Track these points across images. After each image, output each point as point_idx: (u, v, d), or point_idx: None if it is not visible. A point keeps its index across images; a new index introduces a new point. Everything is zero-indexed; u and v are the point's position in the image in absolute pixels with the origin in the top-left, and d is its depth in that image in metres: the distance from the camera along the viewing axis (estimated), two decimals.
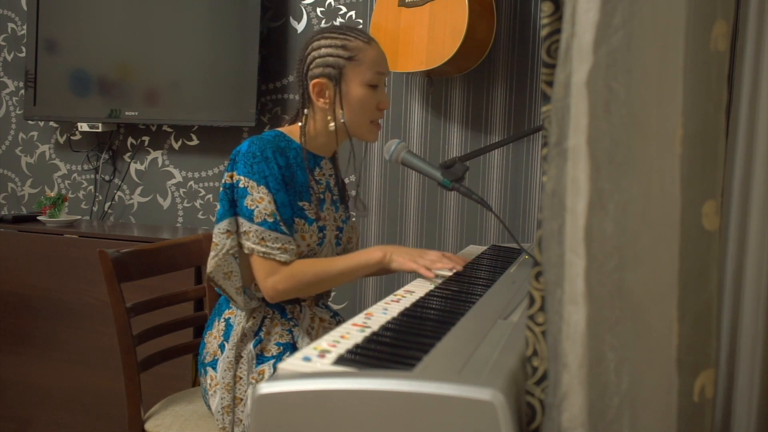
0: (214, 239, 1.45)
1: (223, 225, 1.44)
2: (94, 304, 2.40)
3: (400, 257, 1.42)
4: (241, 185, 1.42)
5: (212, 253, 1.45)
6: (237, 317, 1.50)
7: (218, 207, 1.46)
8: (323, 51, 1.48)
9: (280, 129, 1.53)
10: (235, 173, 1.43)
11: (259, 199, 1.41)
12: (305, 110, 1.52)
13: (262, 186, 1.41)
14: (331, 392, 0.74)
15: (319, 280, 1.44)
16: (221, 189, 1.46)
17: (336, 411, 0.73)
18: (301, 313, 1.53)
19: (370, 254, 1.44)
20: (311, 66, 1.48)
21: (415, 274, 1.40)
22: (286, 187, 1.45)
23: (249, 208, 1.41)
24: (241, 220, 1.43)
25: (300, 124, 1.52)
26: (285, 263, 1.42)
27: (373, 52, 1.49)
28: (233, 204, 1.44)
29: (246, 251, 1.43)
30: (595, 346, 0.69)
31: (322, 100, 1.49)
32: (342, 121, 1.48)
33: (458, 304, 1.15)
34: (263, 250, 1.40)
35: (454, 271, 1.39)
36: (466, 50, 2.06)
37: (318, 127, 1.52)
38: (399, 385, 0.72)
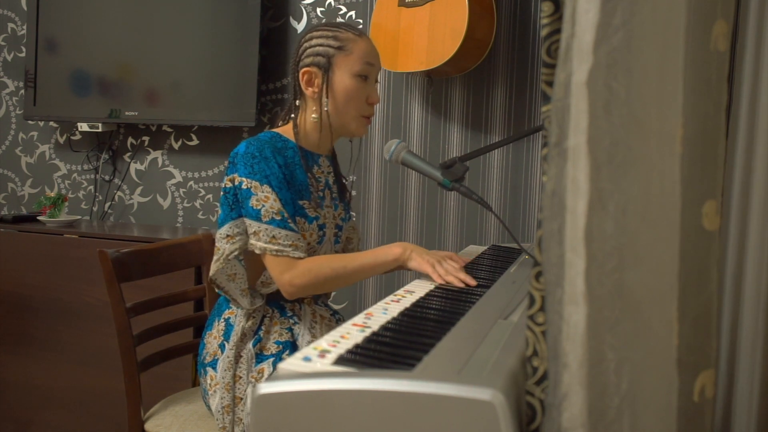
0: (216, 244, 1.45)
1: (224, 230, 1.44)
2: (94, 304, 2.40)
3: (420, 257, 1.40)
4: (244, 186, 1.41)
5: (214, 257, 1.45)
6: (237, 317, 1.50)
7: (219, 212, 1.46)
8: (314, 42, 1.49)
9: (274, 129, 1.53)
10: (236, 175, 1.43)
11: (264, 198, 1.40)
12: (297, 102, 1.52)
13: (265, 185, 1.41)
14: (331, 392, 0.74)
15: (336, 276, 1.42)
16: (222, 193, 1.45)
17: (336, 411, 0.73)
18: (301, 311, 1.53)
19: (389, 250, 1.43)
20: (302, 57, 1.50)
21: (415, 274, 1.40)
22: (288, 186, 1.44)
23: (255, 208, 1.41)
24: (248, 221, 1.42)
25: (293, 117, 1.52)
26: (298, 259, 1.41)
27: (363, 43, 1.49)
28: (233, 207, 1.44)
29: (258, 251, 1.42)
30: (595, 346, 0.69)
31: (310, 89, 1.49)
32: (325, 109, 1.48)
33: (458, 304, 1.15)
34: (275, 248, 1.40)
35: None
36: (466, 50, 2.06)
37: (309, 121, 1.52)
38: (399, 385, 0.72)
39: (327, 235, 1.53)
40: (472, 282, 1.33)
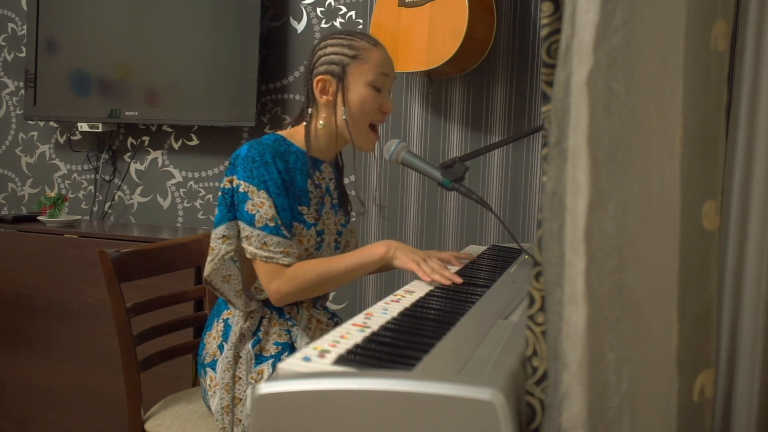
0: (211, 244, 1.45)
1: (220, 230, 1.44)
2: (94, 304, 2.39)
3: (404, 255, 1.40)
4: (241, 190, 1.41)
5: (209, 258, 1.45)
6: (235, 317, 1.50)
7: (216, 211, 1.46)
8: (329, 50, 1.49)
9: (280, 132, 1.53)
10: (235, 177, 1.43)
11: (260, 204, 1.40)
12: (309, 109, 1.52)
13: (262, 191, 1.41)
14: (331, 392, 0.74)
15: (321, 281, 1.42)
16: (220, 193, 1.45)
17: (336, 411, 0.73)
18: (298, 315, 1.53)
19: (373, 250, 1.43)
20: (317, 64, 1.50)
21: (415, 274, 1.40)
22: (286, 192, 1.44)
23: (250, 212, 1.41)
24: (242, 224, 1.42)
25: (304, 124, 1.52)
26: (288, 266, 1.41)
27: (378, 53, 1.49)
28: (230, 209, 1.44)
29: (248, 256, 1.42)
30: (595, 346, 0.69)
31: (325, 97, 1.49)
32: (344, 118, 1.48)
33: (458, 304, 1.15)
34: (265, 254, 1.40)
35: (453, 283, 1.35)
36: (466, 50, 2.06)
37: (320, 128, 1.52)
38: (399, 385, 0.72)
39: (326, 241, 1.53)
40: (459, 280, 1.33)
